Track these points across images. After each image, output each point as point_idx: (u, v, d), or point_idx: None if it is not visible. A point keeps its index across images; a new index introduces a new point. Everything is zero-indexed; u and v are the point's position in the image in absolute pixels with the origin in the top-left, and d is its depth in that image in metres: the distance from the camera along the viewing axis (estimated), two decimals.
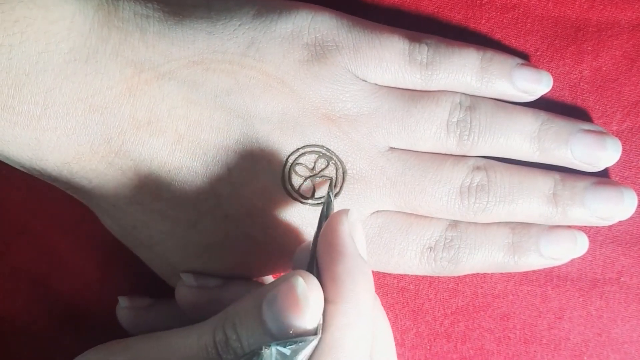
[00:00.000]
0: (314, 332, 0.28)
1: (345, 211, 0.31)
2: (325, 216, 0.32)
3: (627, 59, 0.38)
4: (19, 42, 0.30)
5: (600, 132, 0.37)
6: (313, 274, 0.29)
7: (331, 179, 0.35)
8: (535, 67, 0.37)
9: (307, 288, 0.28)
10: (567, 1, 0.38)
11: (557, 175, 0.37)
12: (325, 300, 0.29)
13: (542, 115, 0.37)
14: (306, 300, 0.27)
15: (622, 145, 0.38)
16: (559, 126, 0.36)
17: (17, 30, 0.30)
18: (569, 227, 0.37)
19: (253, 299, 0.29)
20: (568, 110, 0.38)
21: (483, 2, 0.39)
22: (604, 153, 0.36)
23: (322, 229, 0.31)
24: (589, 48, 0.38)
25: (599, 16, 0.38)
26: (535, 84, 0.37)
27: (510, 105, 0.37)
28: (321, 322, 0.28)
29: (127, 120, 0.33)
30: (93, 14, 0.32)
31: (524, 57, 0.38)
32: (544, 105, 0.37)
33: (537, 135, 0.36)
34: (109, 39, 0.32)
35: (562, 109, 0.38)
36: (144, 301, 0.39)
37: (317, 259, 0.30)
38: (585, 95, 0.38)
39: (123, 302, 0.38)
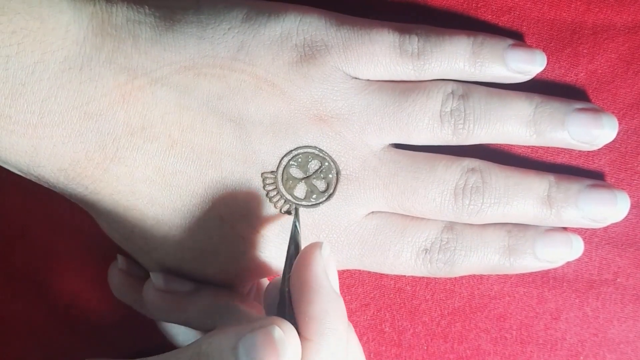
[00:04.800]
0: None
1: (317, 246, 0.31)
2: (294, 250, 0.32)
3: (623, 61, 0.38)
4: (15, 53, 0.31)
5: (595, 110, 0.37)
6: (285, 311, 0.30)
7: (297, 208, 0.35)
8: (528, 46, 0.37)
9: (285, 337, 0.28)
10: (562, 4, 0.38)
11: (551, 177, 0.37)
12: (301, 337, 0.29)
13: (536, 98, 0.36)
14: (283, 346, 0.28)
15: (618, 147, 0.38)
16: (554, 107, 0.36)
17: (14, 42, 0.31)
18: (565, 230, 0.37)
19: (228, 339, 0.29)
20: None
21: (479, 5, 0.39)
22: (601, 131, 0.36)
23: (294, 265, 0.31)
24: (584, 51, 0.38)
25: (595, 19, 0.38)
26: (529, 64, 0.36)
27: (504, 90, 0.37)
28: None
29: (121, 127, 0.33)
30: (87, 22, 0.33)
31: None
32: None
33: (533, 119, 0.36)
34: (103, 47, 0.33)
35: None
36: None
37: (289, 294, 0.30)
38: (580, 97, 0.38)
39: (122, 263, 0.38)
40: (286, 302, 0.30)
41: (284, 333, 0.28)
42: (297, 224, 0.34)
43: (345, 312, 0.30)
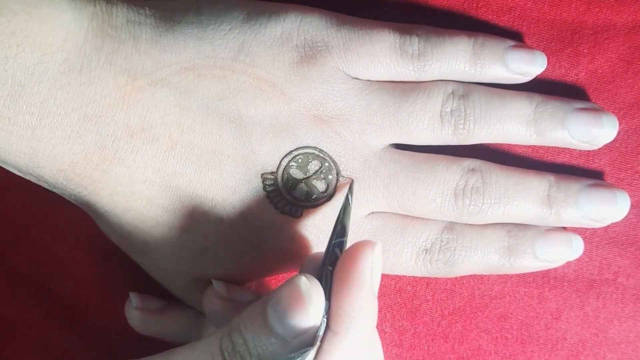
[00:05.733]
0: (316, 332, 0.29)
1: (372, 244, 0.30)
2: (341, 222, 0.32)
3: (623, 61, 0.38)
4: (14, 54, 0.31)
5: (596, 109, 0.37)
6: (322, 284, 0.30)
7: (352, 180, 0.35)
8: (529, 47, 0.37)
9: (311, 286, 0.29)
10: (563, 4, 0.38)
11: (552, 177, 0.37)
12: (329, 328, 0.29)
13: (537, 98, 0.36)
14: (309, 296, 0.28)
15: (618, 147, 0.38)
16: (554, 107, 0.36)
17: (13, 43, 0.31)
18: (565, 230, 0.37)
19: (258, 305, 0.30)
20: None
21: (479, 5, 0.39)
22: (601, 130, 0.36)
23: (344, 253, 0.31)
24: (585, 51, 0.38)
25: (595, 19, 0.38)
26: (529, 65, 0.36)
27: (504, 90, 0.37)
28: (322, 329, 0.29)
29: (121, 128, 0.33)
30: (88, 23, 0.33)
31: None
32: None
33: (533, 118, 0.36)
34: (103, 48, 0.33)
35: None
36: (156, 304, 0.39)
37: (330, 277, 0.30)
38: (581, 97, 0.38)
39: (135, 301, 0.39)
40: (324, 282, 0.30)
41: (310, 285, 0.29)
42: (350, 198, 0.33)
43: (376, 315, 0.30)
